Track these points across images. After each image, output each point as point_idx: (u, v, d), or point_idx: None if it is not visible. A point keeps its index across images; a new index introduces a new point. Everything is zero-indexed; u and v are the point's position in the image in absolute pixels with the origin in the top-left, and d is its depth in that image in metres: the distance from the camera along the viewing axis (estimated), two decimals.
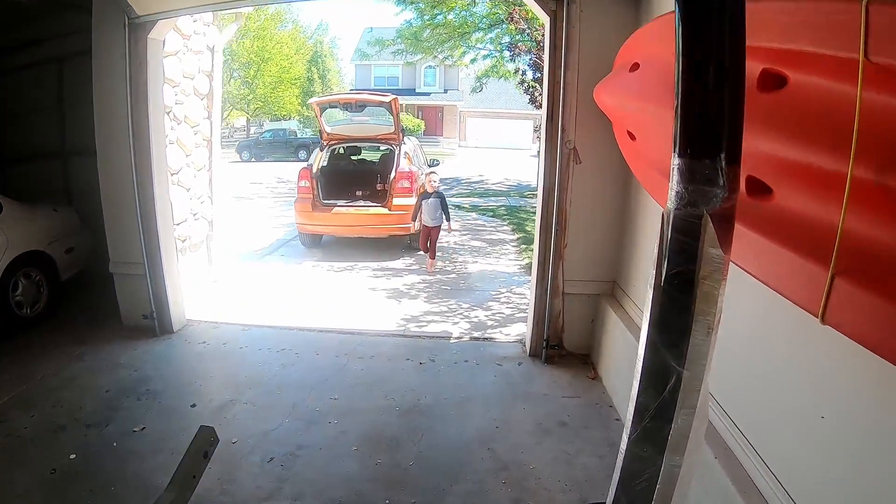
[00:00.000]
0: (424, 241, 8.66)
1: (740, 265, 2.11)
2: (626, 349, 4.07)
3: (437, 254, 8.77)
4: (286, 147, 28.94)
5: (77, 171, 6.46)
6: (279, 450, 3.61)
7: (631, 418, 1.62)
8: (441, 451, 3.66)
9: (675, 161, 1.31)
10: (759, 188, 1.85)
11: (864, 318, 1.50)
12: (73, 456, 3.47)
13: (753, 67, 1.72)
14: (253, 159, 28.45)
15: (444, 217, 8.56)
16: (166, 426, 3.81)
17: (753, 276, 2.03)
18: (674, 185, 1.32)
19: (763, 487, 2.34)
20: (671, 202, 1.34)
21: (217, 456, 3.53)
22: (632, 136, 2.82)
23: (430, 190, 8.65)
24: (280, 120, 35.87)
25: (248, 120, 37.61)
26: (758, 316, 2.50)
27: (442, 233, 8.75)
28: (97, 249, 5.70)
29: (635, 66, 2.77)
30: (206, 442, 1.86)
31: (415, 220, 8.94)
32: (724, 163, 1.27)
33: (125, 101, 4.93)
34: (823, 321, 1.60)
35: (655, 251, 1.42)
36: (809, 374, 2.15)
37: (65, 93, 6.65)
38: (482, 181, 21.22)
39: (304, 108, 32.62)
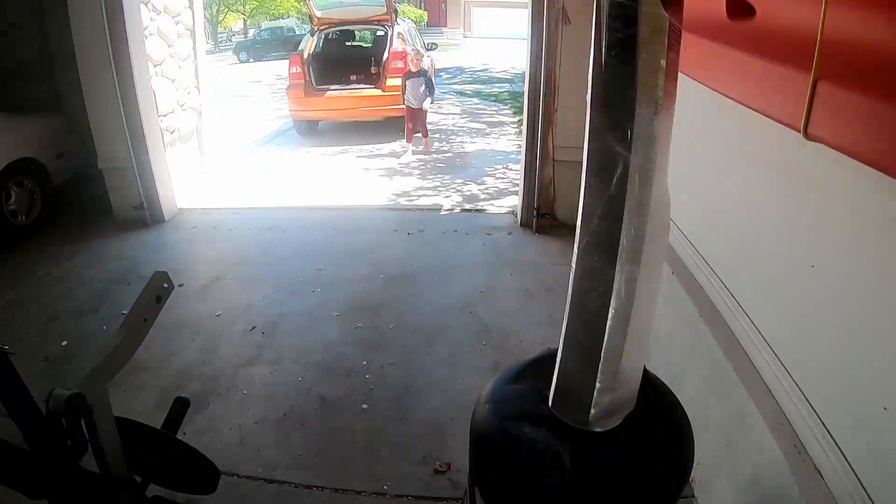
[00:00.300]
0: (410, 125, 8.19)
1: (721, 90, 1.94)
2: None
3: (433, 135, 8.50)
4: (285, 45, 27.77)
5: (62, 74, 6.18)
6: (261, 319, 3.56)
7: (579, 225, 1.43)
8: (423, 316, 3.59)
9: None
10: (741, 8, 1.72)
11: (850, 122, 1.30)
12: (64, 343, 3.44)
13: None
14: (251, 60, 27.56)
15: (428, 95, 8.14)
16: None
17: (734, 100, 1.87)
18: None
19: (749, 347, 2.15)
20: None
21: (200, 329, 3.55)
22: None
23: (413, 69, 8.17)
24: (278, 19, 34.54)
25: (245, 22, 36.28)
26: (739, 157, 2.29)
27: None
28: (88, 152, 5.51)
29: None
30: (159, 287, 1.72)
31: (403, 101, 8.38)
32: None
33: None
34: (807, 135, 1.40)
35: (593, 21, 1.21)
36: (795, 214, 1.92)
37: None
38: (486, 70, 20.42)
39: (302, 4, 31.30)
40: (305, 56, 9.05)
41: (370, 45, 11.45)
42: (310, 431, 2.65)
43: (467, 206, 5.51)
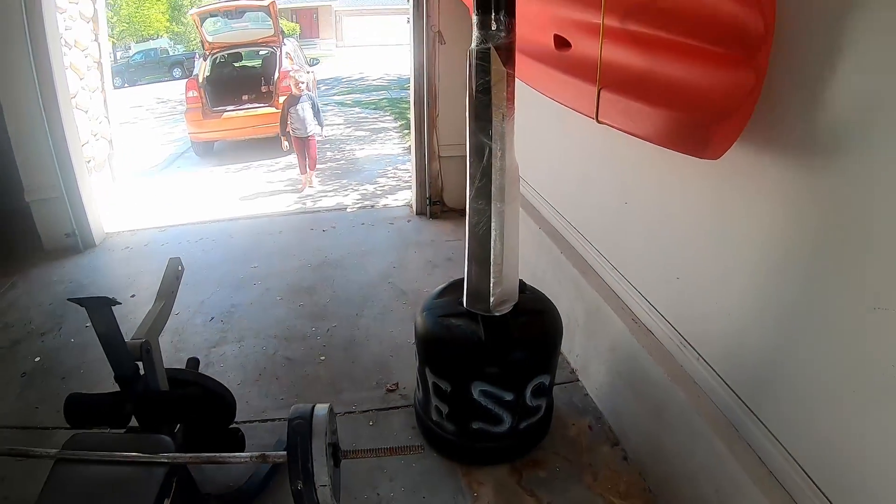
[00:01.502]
0: (301, 158, 7.27)
1: (549, 95, 2.80)
2: None
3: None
4: (159, 67, 26.97)
5: None
6: (216, 311, 4.07)
7: (468, 186, 2.32)
8: (351, 290, 4.27)
9: (474, 17, 2.12)
10: (562, 43, 2.58)
11: (620, 113, 2.18)
12: (37, 359, 3.59)
13: None
14: (126, 85, 26.34)
15: (316, 123, 7.35)
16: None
17: (557, 101, 2.74)
18: (474, 32, 2.14)
19: (596, 266, 3.14)
20: (474, 43, 2.14)
21: (165, 327, 4.00)
22: None
23: (297, 93, 7.20)
24: (148, 40, 33.14)
25: (113, 45, 34.48)
26: (568, 140, 3.24)
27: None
28: (5, 188, 5.41)
29: None
30: (175, 269, 2.42)
31: (284, 132, 7.46)
32: (503, 15, 2.08)
33: (23, 31, 4.63)
34: (598, 120, 2.28)
35: (467, 73, 2.16)
36: (606, 171, 2.91)
37: None
38: (363, 78, 20.98)
39: (174, 23, 30.25)
40: (200, 80, 9.37)
41: (258, 65, 11.79)
42: (284, 382, 3.29)
43: (368, 203, 6.23)
